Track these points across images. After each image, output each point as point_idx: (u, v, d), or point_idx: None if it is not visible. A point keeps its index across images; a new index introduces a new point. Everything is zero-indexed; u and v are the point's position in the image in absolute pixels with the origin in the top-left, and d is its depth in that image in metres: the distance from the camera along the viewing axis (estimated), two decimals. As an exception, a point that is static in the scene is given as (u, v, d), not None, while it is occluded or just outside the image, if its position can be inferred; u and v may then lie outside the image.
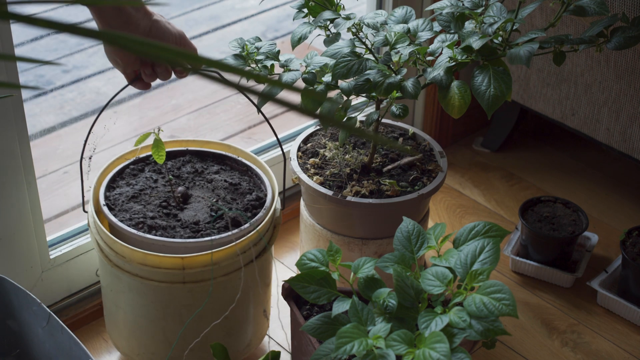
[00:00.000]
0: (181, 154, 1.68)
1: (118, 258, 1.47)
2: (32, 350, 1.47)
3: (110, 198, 1.56)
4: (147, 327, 1.54)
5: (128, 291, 1.51)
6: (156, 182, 1.61)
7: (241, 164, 1.67)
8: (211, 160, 1.68)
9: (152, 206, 1.54)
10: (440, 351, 1.20)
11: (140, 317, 1.54)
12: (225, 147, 1.70)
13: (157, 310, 1.51)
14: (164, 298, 1.49)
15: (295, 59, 1.56)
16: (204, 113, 2.50)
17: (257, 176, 1.64)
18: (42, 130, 2.41)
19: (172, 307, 1.50)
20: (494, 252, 1.32)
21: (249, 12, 3.10)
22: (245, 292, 1.54)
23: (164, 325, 1.53)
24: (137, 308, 1.53)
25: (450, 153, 2.30)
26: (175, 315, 1.51)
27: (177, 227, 1.50)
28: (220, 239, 1.46)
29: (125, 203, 1.55)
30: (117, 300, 1.55)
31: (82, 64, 2.70)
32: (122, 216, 1.52)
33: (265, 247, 1.54)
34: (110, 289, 1.56)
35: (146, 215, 1.52)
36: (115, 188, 1.59)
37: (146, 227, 1.49)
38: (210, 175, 1.63)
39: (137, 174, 1.63)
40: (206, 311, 1.50)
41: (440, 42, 1.50)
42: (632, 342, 1.78)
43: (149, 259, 1.45)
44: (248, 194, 1.59)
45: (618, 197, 2.18)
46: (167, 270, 1.45)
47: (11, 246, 1.61)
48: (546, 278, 1.91)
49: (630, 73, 1.88)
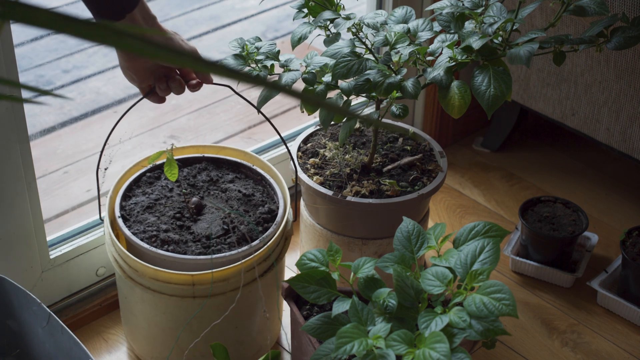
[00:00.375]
0: (197, 160, 1.70)
1: (132, 271, 1.50)
2: (32, 350, 1.47)
3: (126, 208, 1.58)
4: (159, 335, 1.57)
5: (141, 302, 1.54)
6: (172, 190, 1.62)
7: (256, 173, 1.68)
8: (227, 168, 1.70)
9: (166, 217, 1.56)
10: (440, 351, 1.20)
11: (153, 325, 1.56)
12: (241, 154, 1.72)
13: (168, 320, 1.53)
14: (174, 311, 1.51)
15: (295, 59, 1.56)
16: (204, 113, 2.50)
17: (271, 186, 1.65)
18: (42, 130, 2.41)
19: (183, 319, 1.52)
20: (494, 252, 1.32)
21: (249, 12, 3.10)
22: (254, 304, 1.56)
23: (176, 335, 1.55)
24: (149, 317, 1.55)
25: (450, 153, 2.30)
26: (186, 327, 1.53)
27: (189, 242, 1.52)
28: (230, 256, 1.48)
29: (140, 214, 1.57)
30: (132, 309, 1.59)
31: (82, 64, 2.70)
32: (137, 228, 1.54)
33: (274, 261, 1.56)
34: (125, 296, 1.60)
35: (160, 228, 1.53)
36: (131, 197, 1.61)
37: (159, 242, 1.51)
38: (225, 185, 1.65)
39: (153, 181, 1.65)
40: (219, 322, 1.53)
41: (440, 42, 1.50)
42: (632, 342, 1.78)
43: (160, 275, 1.47)
44: (261, 205, 1.60)
45: (618, 197, 2.18)
46: (178, 286, 1.47)
47: (11, 246, 1.61)
48: (546, 278, 1.91)
49: (630, 73, 1.88)
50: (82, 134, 2.40)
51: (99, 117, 2.47)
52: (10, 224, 1.58)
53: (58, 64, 2.70)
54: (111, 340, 1.74)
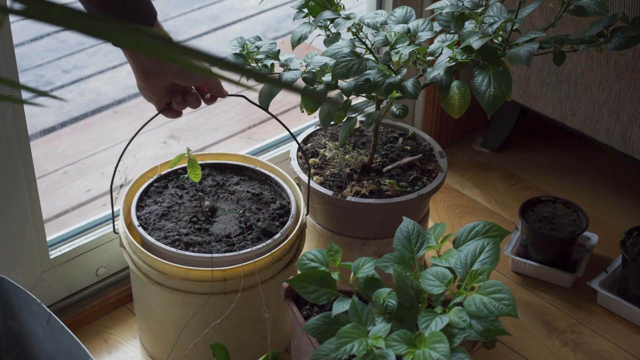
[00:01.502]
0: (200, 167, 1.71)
1: (158, 275, 1.50)
2: (32, 350, 1.47)
3: (142, 217, 1.60)
4: (185, 337, 1.58)
5: (169, 306, 1.55)
6: (181, 197, 1.64)
7: (259, 174, 1.69)
8: (230, 172, 1.71)
9: (184, 222, 1.58)
10: (440, 351, 1.20)
11: (181, 328, 1.57)
12: (240, 158, 1.73)
13: (198, 321, 1.54)
14: (205, 309, 1.52)
15: (295, 59, 1.56)
16: (204, 113, 2.50)
17: (277, 184, 1.67)
18: (42, 130, 2.41)
19: (213, 317, 1.53)
20: (494, 252, 1.32)
21: (249, 12, 3.10)
22: (274, 298, 1.57)
23: (205, 335, 1.56)
24: (177, 321, 1.56)
25: (450, 153, 2.30)
26: (215, 325, 1.54)
27: (212, 242, 1.53)
28: (257, 249, 1.50)
29: (157, 222, 1.58)
30: (157, 315, 1.59)
31: (82, 64, 2.70)
32: (157, 235, 1.55)
33: (295, 254, 1.58)
34: (149, 304, 1.59)
35: (180, 232, 1.55)
36: (144, 207, 1.63)
37: (182, 244, 1.53)
38: (232, 187, 1.66)
39: (161, 191, 1.66)
40: (243, 318, 1.55)
41: (440, 42, 1.50)
42: (632, 342, 1.78)
43: (191, 274, 1.49)
44: (272, 202, 1.62)
45: (618, 197, 2.18)
46: (209, 283, 1.49)
47: (11, 246, 1.61)
48: (546, 278, 1.91)
49: (630, 73, 1.88)
50: (82, 134, 2.40)
51: (99, 117, 2.47)
52: (10, 224, 1.58)
53: (58, 64, 2.70)
54: (111, 341, 1.74)
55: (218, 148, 2.36)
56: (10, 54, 1.45)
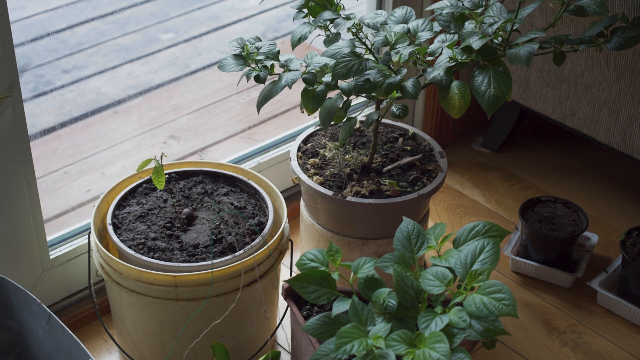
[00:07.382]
0: (194, 173, 1.72)
1: (116, 274, 1.51)
2: (32, 350, 1.47)
3: (119, 217, 1.60)
4: (145, 340, 1.59)
5: (127, 306, 1.56)
6: (166, 201, 1.65)
7: (250, 187, 1.69)
8: (222, 182, 1.71)
9: (157, 227, 1.59)
10: (440, 351, 1.20)
11: (139, 330, 1.58)
12: (237, 170, 1.73)
13: (153, 324, 1.55)
14: (158, 314, 1.53)
15: (295, 59, 1.56)
16: (204, 113, 2.50)
17: (263, 200, 1.66)
18: (42, 130, 2.41)
19: (167, 322, 1.54)
20: (494, 252, 1.32)
21: (249, 12, 3.10)
22: (243, 311, 1.57)
23: (161, 339, 1.57)
24: (135, 322, 1.57)
25: (450, 153, 2.30)
26: (170, 330, 1.55)
27: (175, 250, 1.54)
28: (218, 262, 1.50)
29: (132, 223, 1.59)
30: (120, 314, 1.60)
31: (82, 64, 2.70)
32: (126, 236, 1.56)
33: (265, 273, 1.56)
34: (113, 302, 1.61)
35: (148, 236, 1.56)
36: (125, 206, 1.63)
37: (145, 249, 1.53)
38: (219, 197, 1.66)
39: (149, 192, 1.67)
40: (198, 327, 1.55)
41: (440, 42, 1.50)
42: (632, 342, 1.78)
43: (143, 276, 1.49)
44: (251, 218, 1.62)
45: (618, 197, 2.18)
46: (161, 288, 1.49)
47: (11, 246, 1.61)
48: (546, 278, 1.91)
49: (630, 73, 1.88)
50: (82, 134, 2.40)
51: (99, 117, 2.47)
52: (10, 224, 1.58)
53: (58, 64, 2.70)
54: (111, 341, 1.74)
55: (218, 148, 2.36)
56: (10, 54, 1.45)
